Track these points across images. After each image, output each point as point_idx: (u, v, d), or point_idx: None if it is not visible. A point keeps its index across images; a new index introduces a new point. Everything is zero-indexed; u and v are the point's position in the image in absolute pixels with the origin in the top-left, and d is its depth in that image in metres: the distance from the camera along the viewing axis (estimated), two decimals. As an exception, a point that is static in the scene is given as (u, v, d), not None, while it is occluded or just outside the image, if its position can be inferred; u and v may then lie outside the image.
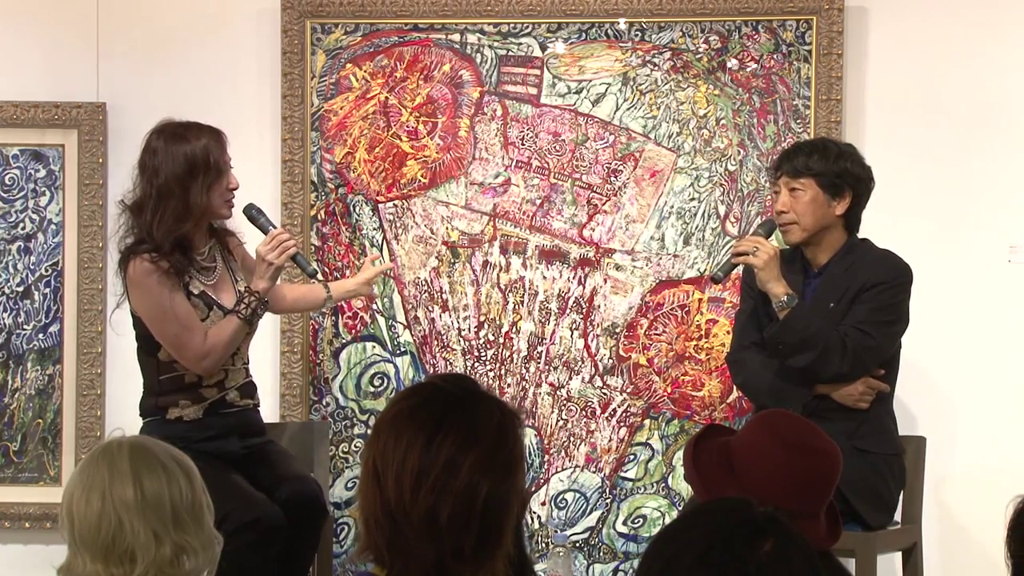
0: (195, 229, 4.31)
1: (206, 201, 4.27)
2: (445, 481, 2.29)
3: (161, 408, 4.33)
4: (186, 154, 4.26)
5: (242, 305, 4.31)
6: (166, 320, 4.25)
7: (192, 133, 4.31)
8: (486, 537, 2.32)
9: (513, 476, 2.36)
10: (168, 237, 4.23)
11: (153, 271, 4.22)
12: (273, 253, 4.34)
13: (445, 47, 5.13)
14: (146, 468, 2.54)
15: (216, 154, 4.29)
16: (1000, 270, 5.02)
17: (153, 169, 4.27)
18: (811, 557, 1.95)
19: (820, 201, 4.38)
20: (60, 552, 2.58)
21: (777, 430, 2.94)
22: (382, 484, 2.32)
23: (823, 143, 4.51)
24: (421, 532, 2.30)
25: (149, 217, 4.24)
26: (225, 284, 4.39)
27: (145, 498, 2.51)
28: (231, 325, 4.30)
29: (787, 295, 4.32)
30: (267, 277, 4.35)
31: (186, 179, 4.25)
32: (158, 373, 4.34)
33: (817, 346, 4.28)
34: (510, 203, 5.11)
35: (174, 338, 4.26)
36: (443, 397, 2.39)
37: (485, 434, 2.35)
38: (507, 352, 5.11)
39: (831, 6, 5.00)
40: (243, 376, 4.43)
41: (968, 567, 5.01)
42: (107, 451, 2.57)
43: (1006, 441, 5.00)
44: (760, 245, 4.35)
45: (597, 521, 5.08)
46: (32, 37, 5.23)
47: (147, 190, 4.27)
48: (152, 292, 4.23)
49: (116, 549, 2.49)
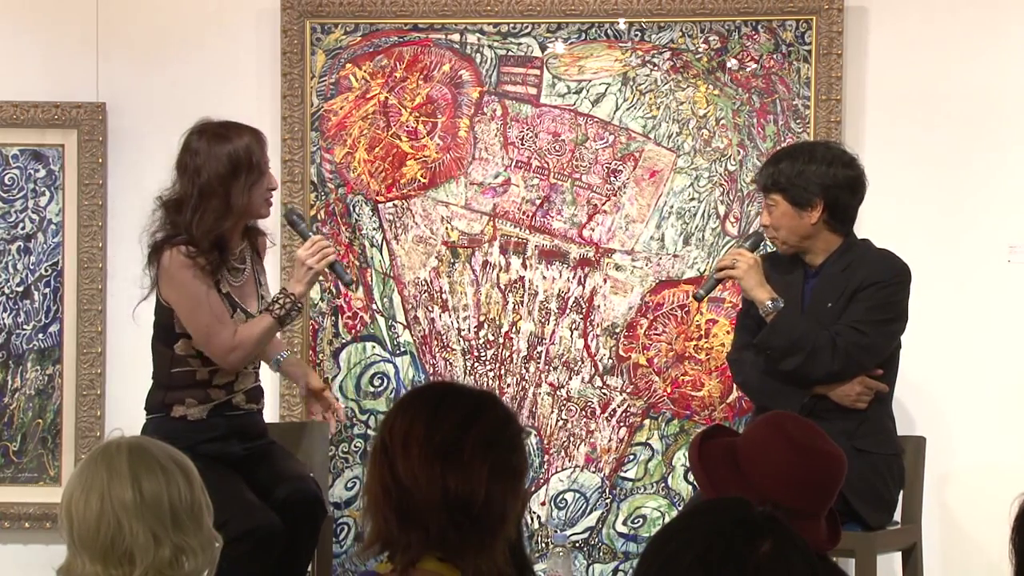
0: (233, 229, 4.33)
1: (247, 201, 4.29)
2: (451, 448, 2.38)
3: (167, 405, 4.33)
4: (229, 154, 4.27)
5: (276, 305, 4.33)
6: (200, 311, 4.26)
7: (234, 132, 4.32)
8: (490, 511, 2.38)
9: (516, 467, 2.44)
10: (208, 236, 4.24)
11: (190, 264, 4.24)
12: (314, 259, 4.36)
13: (445, 47, 5.14)
14: (145, 469, 2.53)
15: (257, 154, 4.32)
16: (999, 270, 5.03)
17: (195, 168, 4.28)
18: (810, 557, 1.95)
19: (791, 214, 4.38)
20: (60, 552, 2.58)
21: (785, 430, 2.95)
22: (391, 455, 2.40)
23: (794, 150, 4.47)
24: (429, 498, 2.36)
25: (189, 216, 4.25)
26: (250, 288, 4.41)
27: (144, 499, 2.51)
28: (263, 323, 4.32)
29: (771, 300, 4.34)
30: (305, 281, 4.38)
31: (229, 179, 4.26)
32: (171, 366, 4.34)
33: (805, 348, 4.29)
34: (510, 203, 5.12)
35: (205, 328, 4.27)
36: (451, 385, 2.57)
37: (489, 417, 2.45)
38: (507, 352, 5.11)
39: (831, 6, 5.00)
40: (252, 380, 4.44)
41: (968, 567, 5.01)
42: (106, 452, 2.57)
43: (1005, 441, 5.00)
44: (738, 257, 4.39)
45: (597, 521, 5.08)
46: (32, 37, 5.23)
47: (188, 189, 4.28)
48: (187, 283, 4.25)
49: (115, 550, 2.49)
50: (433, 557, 2.39)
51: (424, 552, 2.39)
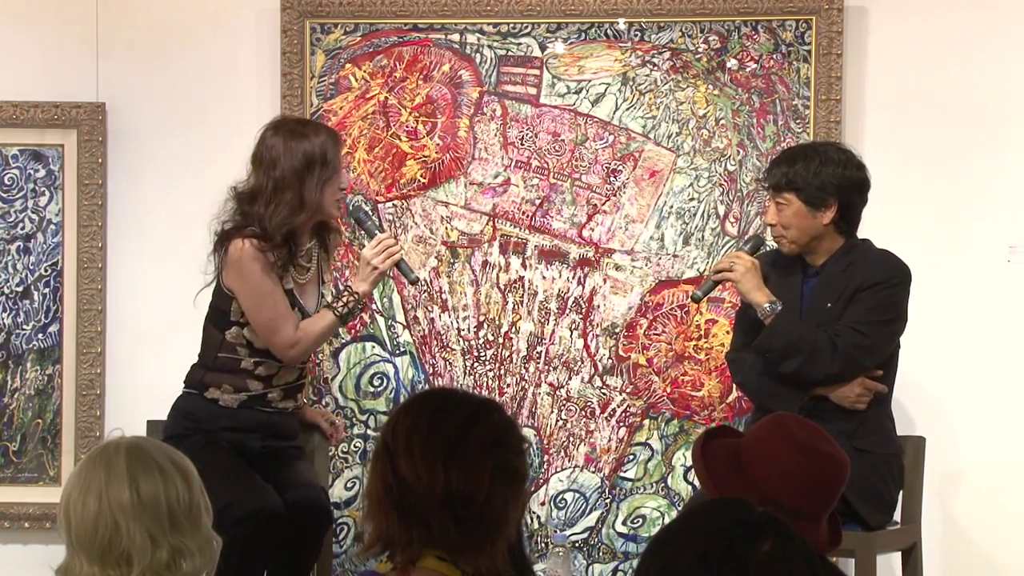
0: (304, 225, 4.34)
1: (319, 198, 4.32)
2: (453, 447, 2.39)
3: (205, 384, 4.38)
4: (305, 150, 4.31)
5: (339, 302, 4.37)
6: (264, 305, 4.29)
7: (311, 130, 4.37)
8: (491, 510, 2.37)
9: (516, 470, 2.45)
10: (280, 229, 4.27)
11: (259, 257, 4.27)
12: (379, 258, 4.39)
13: (445, 47, 5.14)
14: (142, 470, 2.53)
15: (332, 153, 4.35)
16: (999, 270, 5.03)
17: (271, 161, 4.31)
18: (811, 558, 1.95)
19: (803, 214, 4.38)
20: (60, 552, 2.58)
21: (790, 431, 2.95)
22: (392, 453, 2.41)
23: (807, 150, 4.47)
24: (431, 496, 2.37)
25: (263, 208, 4.29)
26: (311, 287, 4.44)
27: (141, 500, 2.51)
28: (325, 319, 4.36)
29: (769, 303, 4.34)
30: (369, 280, 4.42)
31: (303, 173, 4.29)
32: (218, 349, 4.39)
33: (803, 350, 4.29)
34: (510, 203, 5.12)
35: (268, 322, 4.31)
36: (455, 391, 2.65)
37: (492, 416, 2.47)
38: (507, 352, 5.11)
39: (831, 6, 5.00)
40: (295, 376, 4.46)
41: (968, 567, 5.01)
42: (104, 453, 2.57)
43: (1005, 441, 5.00)
44: (736, 260, 4.40)
45: (597, 521, 5.08)
46: (32, 37, 5.23)
47: (263, 181, 4.31)
48: (254, 275, 4.28)
49: (112, 551, 2.49)
50: (433, 555, 2.39)
51: (425, 549, 2.39)
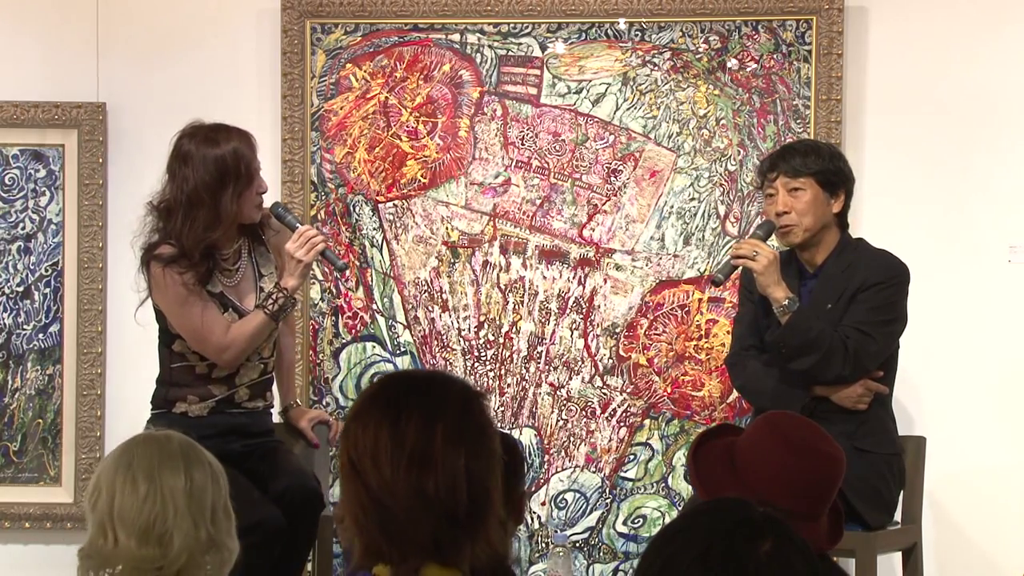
0: (225, 235, 4.33)
1: (236, 209, 4.29)
2: (422, 452, 2.31)
3: (169, 401, 4.37)
4: (216, 161, 4.26)
5: (269, 301, 4.34)
6: (185, 315, 4.29)
7: (222, 137, 4.30)
8: (475, 499, 2.33)
9: (488, 440, 2.38)
10: (198, 246, 4.25)
11: (175, 277, 4.26)
12: (302, 251, 4.36)
13: (445, 47, 5.14)
14: (196, 461, 2.66)
15: (246, 160, 4.30)
16: (1000, 270, 5.02)
17: (183, 176, 4.27)
18: (810, 558, 1.95)
19: (820, 200, 4.39)
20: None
21: (781, 431, 2.94)
22: (361, 472, 2.32)
23: (814, 144, 4.54)
24: (412, 507, 2.30)
25: (179, 224, 4.26)
26: (247, 284, 4.41)
27: (193, 488, 2.62)
28: (256, 320, 4.34)
29: (788, 299, 4.31)
30: (297, 275, 4.38)
31: (216, 188, 4.26)
32: (170, 362, 4.39)
33: (820, 348, 4.28)
34: (510, 203, 5.12)
35: (194, 332, 4.30)
36: (401, 380, 2.46)
37: (449, 404, 2.36)
38: (507, 352, 5.11)
39: (831, 6, 5.00)
40: (258, 373, 4.44)
41: (968, 567, 5.01)
42: (154, 439, 2.67)
43: (1006, 440, 5.00)
44: (759, 249, 4.34)
45: (597, 521, 5.08)
46: (32, 37, 5.23)
47: (177, 196, 4.28)
48: (171, 289, 4.27)
49: (154, 531, 2.57)
50: (435, 565, 2.36)
51: (424, 562, 2.35)
